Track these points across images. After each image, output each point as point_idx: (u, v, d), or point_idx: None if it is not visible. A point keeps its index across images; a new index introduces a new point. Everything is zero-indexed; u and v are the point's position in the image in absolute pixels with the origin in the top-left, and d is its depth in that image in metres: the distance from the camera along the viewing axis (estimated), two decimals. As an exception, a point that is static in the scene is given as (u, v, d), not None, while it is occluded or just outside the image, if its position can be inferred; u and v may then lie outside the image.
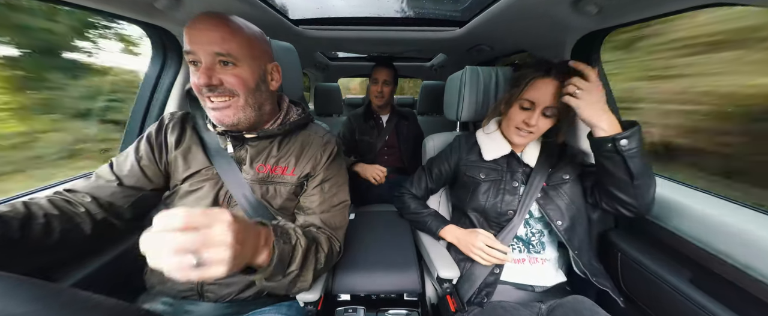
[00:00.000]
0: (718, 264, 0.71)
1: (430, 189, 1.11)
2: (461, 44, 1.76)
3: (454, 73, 1.18)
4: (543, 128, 0.87)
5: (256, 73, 0.70)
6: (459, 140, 1.06)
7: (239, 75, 0.67)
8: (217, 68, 0.65)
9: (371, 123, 1.84)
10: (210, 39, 0.63)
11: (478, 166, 0.98)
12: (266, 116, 0.77)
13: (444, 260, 0.91)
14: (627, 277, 0.93)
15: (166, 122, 0.81)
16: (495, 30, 1.39)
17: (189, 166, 0.77)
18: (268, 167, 0.78)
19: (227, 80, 0.66)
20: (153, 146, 0.78)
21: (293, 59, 1.01)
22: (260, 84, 0.72)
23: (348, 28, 1.56)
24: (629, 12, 0.88)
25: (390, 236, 1.12)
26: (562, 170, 0.92)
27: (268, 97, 0.76)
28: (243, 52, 0.66)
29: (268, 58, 0.75)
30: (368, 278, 0.92)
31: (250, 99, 0.70)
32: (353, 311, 0.90)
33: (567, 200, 0.89)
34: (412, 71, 3.08)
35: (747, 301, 0.67)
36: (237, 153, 0.78)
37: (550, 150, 0.95)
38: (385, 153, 1.85)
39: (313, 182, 0.80)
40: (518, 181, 0.93)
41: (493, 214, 0.93)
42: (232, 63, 0.66)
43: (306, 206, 0.80)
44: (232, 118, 0.70)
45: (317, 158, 0.81)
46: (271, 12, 1.21)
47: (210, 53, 0.64)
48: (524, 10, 1.06)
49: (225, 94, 0.67)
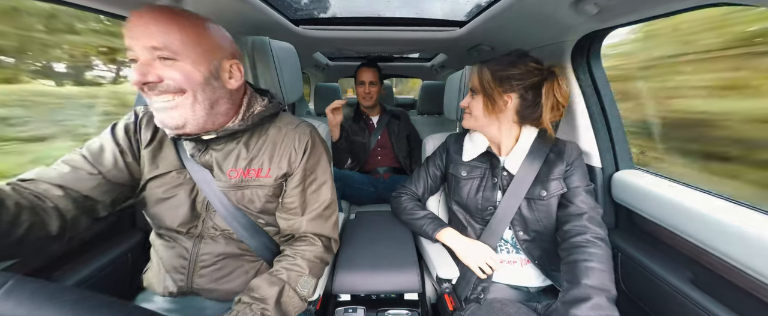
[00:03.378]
0: (718, 264, 0.72)
1: (429, 187, 1.10)
2: (461, 44, 1.76)
3: (454, 73, 1.18)
4: (473, 109, 0.92)
5: (203, 68, 0.62)
6: (449, 139, 1.09)
7: (181, 70, 0.59)
8: (156, 64, 0.59)
9: (361, 124, 1.86)
10: (147, 32, 0.57)
11: (461, 164, 1.00)
12: (222, 117, 0.69)
13: (443, 260, 0.91)
14: (626, 276, 0.93)
15: (140, 116, 0.74)
16: (495, 30, 1.39)
17: (157, 166, 0.71)
18: (240, 170, 0.71)
19: (167, 76, 0.59)
20: (131, 140, 0.71)
21: (293, 59, 1.01)
22: (211, 80, 0.63)
23: (348, 28, 1.56)
24: (629, 12, 0.88)
25: (390, 236, 1.12)
26: (545, 183, 0.87)
27: (224, 94, 0.67)
28: (186, 47, 0.59)
29: (224, 54, 0.66)
30: (368, 278, 0.92)
31: (199, 95, 0.62)
32: (353, 311, 0.90)
33: (537, 216, 0.88)
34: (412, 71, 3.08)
35: (747, 301, 0.67)
36: (202, 158, 0.71)
37: (539, 155, 0.90)
38: (378, 153, 1.85)
39: (293, 181, 0.75)
40: (498, 183, 0.92)
41: (473, 209, 0.94)
42: (172, 58, 0.59)
43: (288, 207, 0.75)
44: (176, 119, 0.62)
45: (293, 154, 0.74)
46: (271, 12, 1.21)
47: (147, 48, 0.57)
48: (524, 10, 1.06)
49: (169, 92, 0.60)
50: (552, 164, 0.89)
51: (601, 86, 1.11)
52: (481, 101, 0.89)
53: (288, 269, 0.70)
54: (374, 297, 0.97)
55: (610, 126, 1.09)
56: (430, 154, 1.12)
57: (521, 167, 0.89)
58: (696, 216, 0.77)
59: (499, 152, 0.95)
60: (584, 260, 0.76)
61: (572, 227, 0.83)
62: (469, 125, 0.97)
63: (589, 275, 0.73)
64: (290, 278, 0.68)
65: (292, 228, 0.75)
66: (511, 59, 0.87)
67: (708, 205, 0.77)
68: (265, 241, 0.76)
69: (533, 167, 0.88)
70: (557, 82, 0.83)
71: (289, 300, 0.67)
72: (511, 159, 0.91)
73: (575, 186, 0.86)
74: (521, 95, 0.86)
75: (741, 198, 0.76)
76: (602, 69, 1.12)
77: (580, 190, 0.86)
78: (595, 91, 1.12)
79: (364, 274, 0.93)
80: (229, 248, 0.73)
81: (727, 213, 0.72)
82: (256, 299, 0.63)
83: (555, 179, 0.87)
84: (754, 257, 0.65)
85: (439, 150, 1.11)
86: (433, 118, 2.33)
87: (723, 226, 0.71)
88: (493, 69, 0.86)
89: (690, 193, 0.85)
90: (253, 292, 0.64)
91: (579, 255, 0.77)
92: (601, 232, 0.81)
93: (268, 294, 0.63)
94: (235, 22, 1.16)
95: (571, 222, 0.83)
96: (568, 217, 0.85)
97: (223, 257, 0.73)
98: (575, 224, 0.82)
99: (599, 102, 1.11)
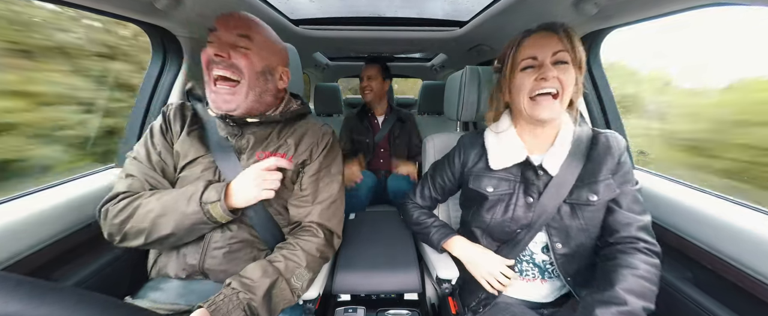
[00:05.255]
0: (719, 264, 0.71)
1: (434, 199, 0.98)
2: (461, 44, 1.76)
3: (454, 73, 1.18)
4: (567, 83, 0.68)
5: (264, 62, 0.75)
6: (463, 143, 0.89)
7: (248, 57, 0.72)
8: (231, 47, 0.71)
9: (366, 123, 1.84)
10: (237, 23, 0.72)
11: (484, 176, 0.81)
12: (264, 106, 0.80)
13: (443, 261, 0.91)
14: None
15: (167, 113, 0.82)
16: (495, 30, 1.39)
17: (186, 154, 0.78)
18: (267, 153, 0.79)
19: (236, 57, 0.71)
20: (166, 138, 0.79)
21: (293, 59, 1.01)
22: (266, 74, 0.76)
23: (348, 28, 1.56)
24: (629, 12, 0.88)
25: (390, 236, 1.12)
26: (593, 185, 0.72)
27: (271, 89, 0.79)
28: (258, 44, 0.74)
29: (280, 61, 0.81)
30: (368, 278, 0.92)
31: (253, 82, 0.74)
32: (353, 311, 0.90)
33: (582, 224, 0.73)
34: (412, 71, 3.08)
35: (747, 301, 0.67)
36: (238, 143, 0.79)
37: (582, 151, 0.74)
38: (380, 155, 1.84)
39: (310, 170, 0.82)
40: (533, 195, 0.75)
41: (498, 232, 0.80)
42: (246, 47, 0.72)
43: (301, 194, 0.81)
44: (231, 104, 0.73)
45: (315, 147, 0.83)
46: (271, 12, 1.22)
47: (231, 34, 0.71)
48: (524, 10, 1.06)
49: (230, 69, 0.71)
50: (598, 160, 0.73)
51: (601, 86, 1.11)
52: (574, 76, 0.68)
53: (286, 257, 0.71)
54: (374, 297, 0.97)
55: (610, 126, 1.09)
56: (438, 162, 0.97)
57: (563, 165, 0.73)
58: (696, 216, 0.77)
59: (538, 150, 0.78)
60: (628, 266, 0.65)
61: (621, 237, 0.70)
62: (558, 112, 0.71)
63: (630, 281, 0.63)
64: (287, 268, 0.69)
65: (301, 215, 0.80)
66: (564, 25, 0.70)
67: (708, 205, 0.77)
68: (273, 229, 0.79)
69: (575, 164, 0.73)
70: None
71: (280, 292, 0.67)
72: (552, 156, 0.74)
73: (624, 186, 0.72)
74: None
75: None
76: (602, 69, 1.12)
77: (630, 191, 0.72)
78: (595, 91, 1.12)
79: (364, 274, 0.93)
80: (241, 233, 0.76)
81: (728, 213, 0.72)
82: (245, 287, 0.62)
83: (605, 179, 0.71)
84: (755, 257, 0.65)
85: (450, 158, 0.91)
86: (433, 118, 2.33)
87: (724, 226, 0.71)
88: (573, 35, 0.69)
89: (690, 193, 0.85)
90: (244, 277, 0.64)
91: (623, 261, 0.67)
92: (655, 244, 0.69)
93: (259, 283, 0.64)
94: (235, 22, 1.16)
95: (620, 232, 0.70)
96: (616, 224, 0.71)
97: (235, 241, 0.76)
98: (625, 235, 0.70)
99: (599, 102, 1.11)
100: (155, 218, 0.66)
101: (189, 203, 0.66)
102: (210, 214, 0.67)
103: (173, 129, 0.80)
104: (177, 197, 0.68)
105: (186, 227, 0.68)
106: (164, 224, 0.67)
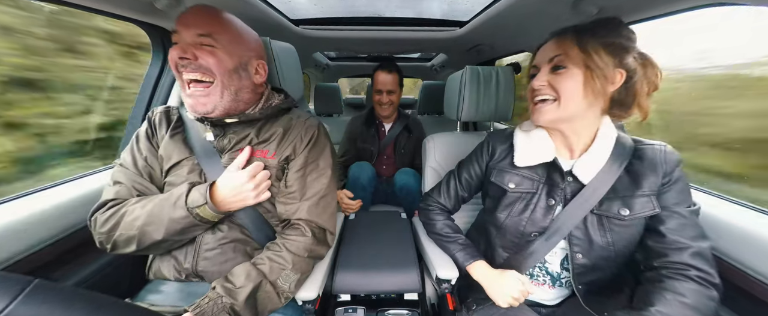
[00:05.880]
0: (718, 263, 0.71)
1: (461, 197, 0.94)
2: (461, 44, 1.76)
3: (454, 73, 1.18)
4: (564, 89, 0.65)
5: (235, 59, 0.71)
6: (492, 137, 0.87)
7: (216, 55, 0.68)
8: (196, 48, 0.67)
9: (372, 130, 1.72)
10: (196, 22, 0.68)
11: (508, 172, 0.79)
12: (243, 105, 0.77)
13: (443, 260, 0.91)
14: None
15: (152, 118, 0.81)
16: (495, 30, 1.39)
17: (170, 157, 0.77)
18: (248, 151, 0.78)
19: (203, 57, 0.67)
20: (152, 143, 0.78)
21: (293, 59, 1.01)
22: (240, 70, 0.73)
23: (348, 28, 1.56)
24: (629, 12, 0.88)
25: (390, 235, 1.12)
26: (628, 199, 0.66)
27: (248, 85, 0.76)
28: (225, 38, 0.70)
29: (254, 54, 0.77)
30: (368, 278, 0.92)
31: (226, 81, 0.71)
32: (353, 311, 0.90)
33: (610, 239, 0.68)
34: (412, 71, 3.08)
35: (747, 301, 0.67)
36: (219, 143, 0.78)
37: (620, 160, 0.68)
38: (384, 162, 1.77)
39: (295, 165, 0.79)
40: (556, 199, 0.72)
41: (512, 232, 0.77)
42: (212, 45, 0.68)
43: (288, 191, 0.78)
44: (207, 106, 0.71)
45: (298, 142, 0.80)
46: (271, 12, 1.22)
47: (192, 34, 0.68)
48: (524, 10, 1.06)
49: (199, 71, 0.68)
50: (638, 174, 0.67)
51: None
52: (581, 78, 0.64)
53: (271, 259, 0.70)
54: (374, 297, 0.97)
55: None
56: (465, 158, 0.93)
57: (597, 174, 0.68)
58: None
59: (570, 155, 0.74)
60: (674, 291, 0.59)
61: (669, 262, 0.63)
62: (553, 117, 0.69)
63: (673, 307, 0.58)
64: (272, 271, 0.69)
65: (289, 213, 0.77)
66: (609, 23, 0.65)
67: (707, 204, 0.77)
68: (264, 227, 0.78)
69: (611, 174, 0.68)
70: (650, 60, 0.64)
71: (266, 295, 0.66)
72: (585, 163, 0.69)
73: (674, 206, 0.65)
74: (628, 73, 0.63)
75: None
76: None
77: (682, 212, 0.64)
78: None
79: (364, 274, 0.93)
80: (232, 233, 0.75)
81: (727, 213, 0.72)
82: (227, 291, 0.62)
83: (643, 195, 0.65)
84: (755, 257, 0.65)
85: (478, 151, 0.89)
86: (433, 118, 2.33)
87: (723, 226, 0.71)
88: (597, 32, 0.64)
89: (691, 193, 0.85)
90: (228, 282, 0.64)
91: (669, 286, 0.61)
92: (712, 275, 0.61)
93: (242, 287, 0.63)
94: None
95: (669, 257, 0.63)
96: (664, 248, 0.64)
97: (227, 242, 0.75)
98: (674, 260, 0.63)
99: None
100: (142, 226, 0.66)
101: (175, 209, 0.66)
102: (200, 216, 0.67)
103: (158, 133, 0.79)
104: (162, 204, 0.67)
105: (177, 231, 0.67)
106: (153, 231, 0.66)
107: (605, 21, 0.65)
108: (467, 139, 1.16)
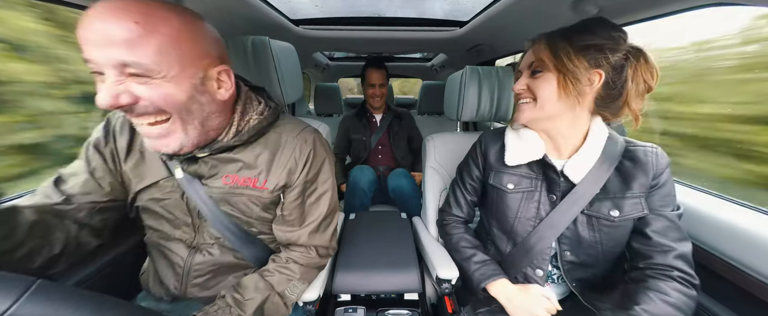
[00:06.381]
0: (718, 263, 0.71)
1: (471, 203, 0.93)
2: (461, 44, 1.76)
3: (454, 73, 1.18)
4: (540, 92, 0.68)
5: (186, 85, 0.51)
6: (484, 138, 0.88)
7: (159, 90, 0.49)
8: (128, 81, 0.47)
9: (364, 121, 1.90)
10: (109, 39, 0.44)
11: (505, 173, 0.79)
12: (214, 132, 0.61)
13: (443, 260, 0.91)
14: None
15: (112, 124, 0.66)
16: (495, 30, 1.39)
17: (143, 177, 0.65)
18: (234, 177, 0.66)
19: (143, 95, 0.49)
20: (106, 158, 0.65)
21: (293, 59, 1.01)
22: (197, 97, 0.54)
23: (348, 28, 1.56)
24: (629, 12, 0.88)
25: (390, 235, 1.12)
26: (617, 200, 0.68)
27: (214, 109, 0.58)
28: (163, 60, 0.48)
29: (210, 61, 0.55)
30: (368, 278, 0.92)
31: (186, 116, 0.54)
32: (353, 311, 0.90)
33: (598, 238, 0.70)
34: (412, 71, 3.08)
35: (747, 301, 0.67)
36: (191, 169, 0.65)
37: (610, 160, 0.69)
38: (379, 152, 1.89)
39: (292, 194, 0.69)
40: (557, 194, 0.73)
41: (519, 232, 0.77)
42: (147, 76, 0.48)
43: (286, 219, 0.71)
44: (172, 146, 0.56)
45: (294, 166, 0.68)
46: (271, 12, 1.21)
47: (113, 63, 0.45)
48: (524, 10, 1.06)
49: (148, 114, 0.51)
50: (628, 174, 0.68)
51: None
52: (555, 81, 0.66)
53: (279, 271, 0.69)
54: (374, 297, 0.97)
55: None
56: (462, 163, 0.94)
57: (588, 174, 0.69)
58: (695, 216, 0.77)
59: (558, 154, 0.75)
60: (658, 291, 0.61)
61: (653, 263, 0.65)
62: (531, 117, 0.71)
63: (657, 306, 0.60)
64: (280, 282, 0.68)
65: (288, 239, 0.73)
66: (588, 25, 0.65)
67: (706, 204, 0.77)
68: (258, 249, 0.74)
69: (601, 175, 0.69)
70: (645, 59, 0.62)
71: (273, 306, 0.66)
72: (575, 163, 0.70)
73: (661, 208, 0.67)
74: (609, 73, 0.63)
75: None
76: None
77: (668, 215, 0.66)
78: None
79: (364, 274, 0.93)
80: (224, 258, 0.71)
81: (726, 212, 0.72)
82: (236, 302, 0.62)
83: (633, 196, 0.67)
84: (754, 257, 0.65)
85: (471, 154, 0.90)
86: (433, 118, 2.33)
87: (722, 225, 0.71)
88: (571, 36, 0.64)
89: (688, 192, 0.85)
90: (237, 292, 0.64)
91: (653, 285, 0.62)
92: (693, 276, 0.63)
93: (250, 299, 0.63)
94: (235, 22, 1.16)
95: (654, 259, 0.65)
96: (649, 250, 0.66)
97: (218, 267, 0.72)
98: (659, 262, 0.65)
99: None
100: None
101: None
102: None
103: (118, 145, 0.65)
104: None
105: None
106: None
107: (584, 23, 0.67)
108: (467, 139, 1.15)
